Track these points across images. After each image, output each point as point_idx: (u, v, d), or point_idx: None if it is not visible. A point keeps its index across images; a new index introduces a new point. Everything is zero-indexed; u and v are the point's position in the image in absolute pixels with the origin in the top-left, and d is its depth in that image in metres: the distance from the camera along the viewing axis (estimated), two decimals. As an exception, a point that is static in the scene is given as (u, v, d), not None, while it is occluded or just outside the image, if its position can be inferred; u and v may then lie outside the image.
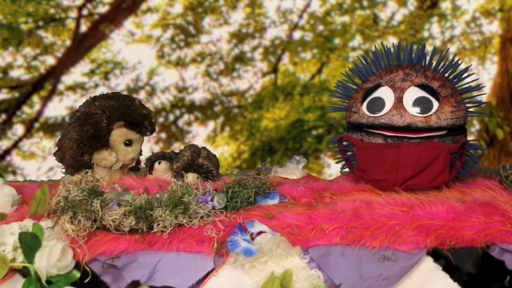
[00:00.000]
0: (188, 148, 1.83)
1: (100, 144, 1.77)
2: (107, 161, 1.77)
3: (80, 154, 1.76)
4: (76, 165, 1.78)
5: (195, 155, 1.80)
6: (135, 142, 1.82)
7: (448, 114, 1.67)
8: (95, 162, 1.78)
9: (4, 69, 6.65)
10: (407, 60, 1.76)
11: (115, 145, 1.79)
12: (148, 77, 7.15)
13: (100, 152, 1.77)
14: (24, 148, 6.71)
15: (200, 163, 1.80)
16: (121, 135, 1.79)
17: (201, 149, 1.83)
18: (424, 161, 1.63)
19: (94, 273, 1.45)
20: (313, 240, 1.48)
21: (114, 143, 1.79)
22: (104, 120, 1.76)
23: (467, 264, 1.45)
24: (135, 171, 1.90)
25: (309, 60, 7.18)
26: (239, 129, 7.05)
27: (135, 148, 1.82)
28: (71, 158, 1.77)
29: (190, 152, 1.80)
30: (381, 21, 7.12)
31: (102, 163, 1.77)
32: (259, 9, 7.20)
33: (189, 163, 1.79)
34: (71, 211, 1.49)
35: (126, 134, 1.80)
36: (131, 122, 1.80)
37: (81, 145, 1.75)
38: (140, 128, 1.82)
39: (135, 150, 1.82)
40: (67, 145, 1.76)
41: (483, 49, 6.83)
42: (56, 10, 6.88)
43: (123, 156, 1.80)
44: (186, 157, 1.79)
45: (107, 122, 1.77)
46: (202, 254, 1.47)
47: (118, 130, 1.79)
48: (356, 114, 1.74)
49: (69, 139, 1.76)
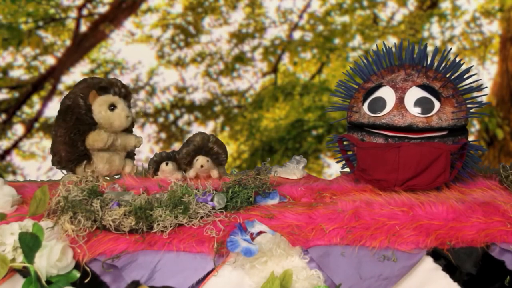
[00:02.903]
0: (198, 134, 1.88)
1: (87, 126, 1.79)
2: (98, 141, 1.79)
3: (74, 145, 1.78)
4: (74, 158, 1.79)
5: (205, 140, 1.86)
6: (118, 103, 1.83)
7: (449, 114, 1.67)
8: (91, 150, 1.80)
9: (4, 69, 6.65)
10: (409, 60, 1.76)
11: (102, 115, 1.80)
12: (148, 77, 7.16)
13: (89, 136, 1.78)
14: (24, 148, 6.71)
15: (210, 147, 1.85)
16: (101, 103, 1.81)
17: (210, 136, 1.88)
18: (425, 162, 1.62)
19: (94, 273, 1.45)
20: (313, 240, 1.48)
21: (100, 114, 1.80)
22: (80, 101, 1.78)
23: (467, 264, 1.45)
24: (132, 158, 1.91)
25: (309, 60, 7.18)
26: (239, 129, 7.05)
27: (122, 107, 1.83)
28: (68, 153, 1.78)
29: (201, 137, 1.86)
30: (381, 21, 7.13)
31: (95, 145, 1.79)
32: (259, 9, 7.21)
33: (200, 147, 1.84)
34: (71, 211, 1.49)
35: (105, 99, 1.81)
36: (102, 87, 1.82)
37: (72, 135, 1.77)
38: (114, 89, 1.84)
39: (123, 109, 1.83)
40: (60, 142, 1.78)
41: (483, 49, 6.83)
42: (56, 10, 6.88)
43: (117, 120, 1.81)
44: (196, 142, 1.85)
45: (83, 101, 1.79)
46: (202, 254, 1.46)
47: (96, 101, 1.80)
48: (357, 113, 1.74)
49: (59, 136, 1.79)
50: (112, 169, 1.84)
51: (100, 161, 1.81)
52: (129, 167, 1.89)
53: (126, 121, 1.84)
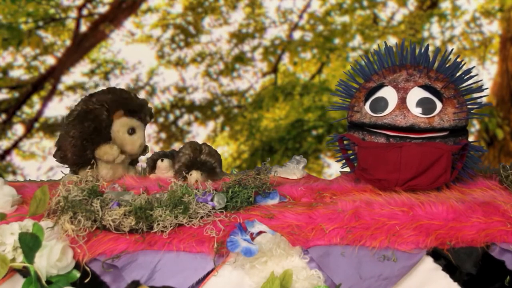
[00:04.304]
0: (188, 145, 1.79)
1: (102, 138, 1.78)
2: (109, 155, 1.77)
3: (84, 151, 1.76)
4: (79, 162, 1.78)
5: (197, 152, 1.77)
6: (138, 129, 1.83)
7: (451, 115, 1.67)
8: (98, 158, 1.79)
9: (4, 69, 6.66)
10: (410, 60, 1.76)
11: (119, 136, 1.79)
12: (148, 77, 7.16)
13: (101, 147, 1.77)
14: (24, 148, 6.72)
15: (203, 160, 1.76)
16: (123, 124, 1.80)
17: (202, 146, 1.80)
18: (426, 162, 1.62)
19: (94, 273, 1.45)
20: (313, 240, 1.48)
21: (118, 134, 1.79)
22: (104, 113, 1.77)
23: (467, 264, 1.44)
24: (134, 165, 1.91)
25: (309, 60, 7.18)
26: (239, 129, 7.05)
27: (140, 135, 1.83)
28: (75, 156, 1.77)
29: (191, 150, 1.77)
30: (381, 21, 7.13)
31: (104, 157, 1.78)
32: (259, 9, 7.21)
33: (192, 161, 1.76)
34: (71, 211, 1.49)
35: (127, 122, 1.81)
36: (130, 110, 1.81)
37: (84, 142, 1.76)
38: (140, 114, 1.84)
39: (140, 137, 1.83)
40: (69, 143, 1.76)
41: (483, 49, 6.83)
42: (56, 10, 6.88)
43: (130, 145, 1.81)
44: (187, 155, 1.77)
45: (107, 115, 1.77)
46: (202, 254, 1.46)
47: (119, 120, 1.80)
48: (359, 113, 1.74)
49: (71, 137, 1.76)
50: (115, 176, 1.83)
51: (103, 168, 1.80)
52: (131, 174, 1.88)
53: (138, 149, 1.84)
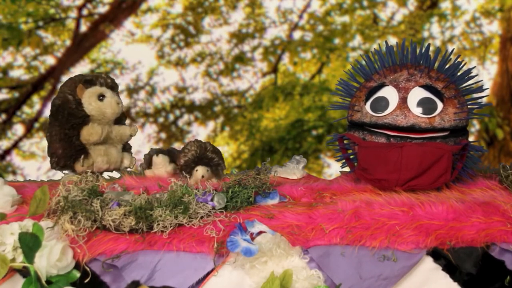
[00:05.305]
0: (193, 143, 1.83)
1: (79, 118, 1.79)
2: (93, 134, 1.79)
3: (70, 140, 1.79)
4: (71, 154, 1.79)
5: (202, 149, 1.82)
6: (107, 93, 1.84)
7: (452, 115, 1.67)
8: (87, 145, 1.80)
9: (4, 69, 6.66)
10: (411, 60, 1.76)
11: (94, 107, 1.81)
12: (148, 77, 7.16)
13: (83, 131, 1.79)
14: (24, 148, 6.72)
15: (209, 157, 1.81)
16: (90, 95, 1.81)
17: (207, 143, 1.85)
18: (427, 162, 1.62)
19: (94, 273, 1.45)
20: (313, 240, 1.48)
21: (91, 106, 1.80)
22: (68, 97, 1.80)
23: (467, 264, 1.44)
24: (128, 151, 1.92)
25: (309, 60, 7.18)
26: (239, 129, 7.05)
27: (110, 95, 1.84)
28: (65, 149, 1.79)
29: (197, 146, 1.81)
30: (381, 21, 7.13)
31: (91, 139, 1.79)
32: (259, 9, 7.21)
33: (198, 157, 1.80)
34: (71, 211, 1.49)
35: (92, 92, 1.82)
36: (87, 80, 1.84)
37: (66, 131, 1.78)
38: (99, 80, 1.86)
39: (112, 96, 1.84)
40: (55, 141, 1.79)
41: (483, 49, 6.83)
42: (56, 10, 6.88)
43: (108, 107, 1.82)
44: (194, 151, 1.81)
45: (72, 96, 1.80)
46: (202, 254, 1.46)
47: (84, 94, 1.81)
48: (359, 113, 1.74)
49: (54, 135, 1.80)
50: (110, 161, 1.85)
51: (97, 155, 1.82)
52: (127, 161, 1.90)
53: (117, 107, 1.85)
